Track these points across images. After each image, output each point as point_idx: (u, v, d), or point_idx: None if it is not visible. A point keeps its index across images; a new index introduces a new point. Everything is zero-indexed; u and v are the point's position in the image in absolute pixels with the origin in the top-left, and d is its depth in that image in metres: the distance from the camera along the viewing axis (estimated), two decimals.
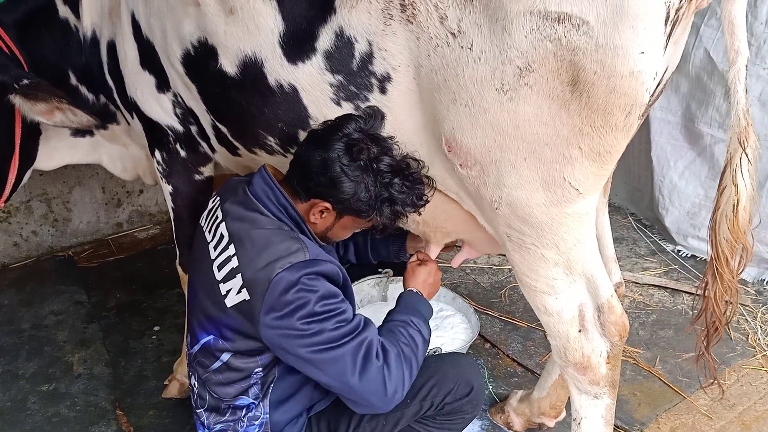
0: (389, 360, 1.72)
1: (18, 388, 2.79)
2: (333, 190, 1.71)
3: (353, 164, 1.68)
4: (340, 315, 1.69)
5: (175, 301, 3.31)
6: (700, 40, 3.26)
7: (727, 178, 1.66)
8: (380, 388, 1.70)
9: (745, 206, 1.65)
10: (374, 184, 1.71)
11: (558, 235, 1.67)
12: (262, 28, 1.74)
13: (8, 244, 3.69)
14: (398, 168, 1.72)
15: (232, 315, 1.74)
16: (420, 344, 1.84)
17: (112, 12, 2.17)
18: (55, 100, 2.06)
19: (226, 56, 1.84)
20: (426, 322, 1.92)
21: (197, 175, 2.36)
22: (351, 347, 1.67)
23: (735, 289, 1.76)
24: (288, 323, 1.65)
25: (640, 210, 4.08)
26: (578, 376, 1.88)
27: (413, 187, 1.75)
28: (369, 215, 1.76)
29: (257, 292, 1.66)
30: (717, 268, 1.74)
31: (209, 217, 1.92)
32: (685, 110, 3.49)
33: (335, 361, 1.67)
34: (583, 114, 1.47)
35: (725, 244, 1.70)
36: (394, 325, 1.86)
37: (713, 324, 1.83)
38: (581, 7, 1.35)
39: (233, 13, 1.76)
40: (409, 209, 1.79)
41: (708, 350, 1.87)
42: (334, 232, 1.87)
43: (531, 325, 3.11)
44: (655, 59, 1.41)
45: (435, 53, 1.54)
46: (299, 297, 1.64)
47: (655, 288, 3.44)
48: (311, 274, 1.66)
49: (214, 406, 1.90)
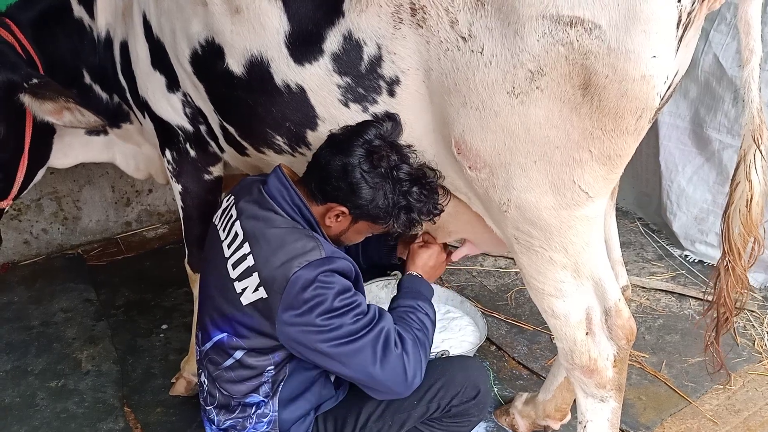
0: (407, 347, 1.77)
1: (27, 384, 2.81)
2: (351, 196, 1.74)
3: (373, 171, 1.71)
4: (357, 308, 1.72)
5: (183, 299, 3.32)
6: (709, 45, 3.26)
7: (741, 173, 1.69)
8: (401, 375, 1.74)
9: (758, 201, 1.68)
10: (392, 192, 1.74)
11: (566, 238, 1.68)
12: (267, 28, 1.74)
13: (19, 242, 3.72)
14: (416, 176, 1.75)
15: (248, 313, 1.75)
16: (429, 327, 1.91)
17: (125, 12, 2.19)
18: (63, 99, 2.06)
19: (232, 56, 1.84)
20: (430, 304, 1.98)
21: (206, 175, 2.38)
22: (371, 338, 1.71)
23: (746, 280, 1.79)
24: (307, 320, 1.67)
25: (648, 215, 4.07)
26: (585, 380, 1.88)
27: (430, 195, 1.78)
28: (385, 222, 1.79)
29: (275, 290, 1.68)
30: (730, 261, 1.76)
31: (223, 215, 1.93)
32: (693, 115, 3.48)
33: (357, 353, 1.70)
34: (594, 117, 1.47)
35: (738, 238, 1.73)
36: (403, 312, 1.90)
37: (723, 314, 1.86)
38: (593, 11, 1.35)
39: (239, 12, 1.76)
40: (425, 217, 1.82)
41: (717, 340, 1.91)
42: (347, 236, 1.89)
43: (537, 328, 3.10)
44: (666, 63, 1.41)
45: (445, 57, 1.54)
46: (317, 294, 1.66)
47: (662, 293, 3.43)
48: (327, 271, 1.68)
49: (224, 404, 1.92)
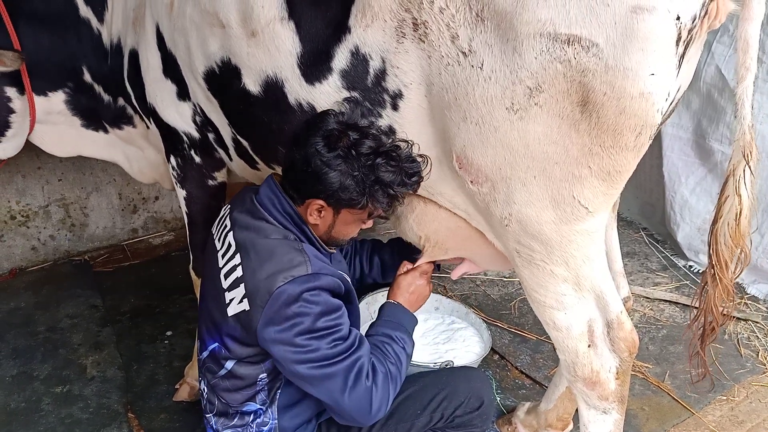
0: (377, 380, 1.73)
1: (32, 389, 2.84)
2: (320, 185, 1.69)
3: (332, 154, 1.65)
4: (337, 332, 1.69)
5: (188, 306, 3.35)
6: (712, 57, 3.26)
7: (730, 188, 1.71)
8: (366, 407, 1.71)
9: (746, 215, 1.70)
10: (358, 169, 1.66)
11: (567, 252, 1.68)
12: (281, 50, 1.77)
13: (26, 248, 3.76)
14: (378, 148, 1.67)
15: (231, 324, 1.76)
16: (404, 362, 1.85)
17: (136, 22, 2.22)
18: None
19: (249, 76, 1.87)
20: (410, 336, 1.92)
21: (211, 181, 2.40)
22: (344, 366, 1.68)
23: (732, 291, 1.80)
24: (286, 337, 1.66)
25: (653, 225, 4.07)
26: (587, 392, 1.88)
27: (400, 165, 1.69)
28: (362, 203, 1.71)
29: (257, 303, 1.68)
30: (717, 273, 1.77)
31: (219, 225, 1.94)
32: (696, 126, 3.48)
33: (328, 379, 1.68)
34: (593, 134, 1.48)
35: (726, 250, 1.74)
36: (380, 341, 1.85)
37: (710, 324, 1.87)
38: (591, 30, 1.36)
39: (255, 35, 1.79)
40: (402, 189, 1.73)
41: (703, 349, 1.92)
42: (337, 230, 1.84)
43: (540, 337, 3.11)
44: (666, 80, 1.42)
45: (446, 72, 1.55)
46: (300, 312, 1.65)
47: (666, 303, 3.43)
48: (313, 289, 1.67)
49: (223, 411, 1.93)
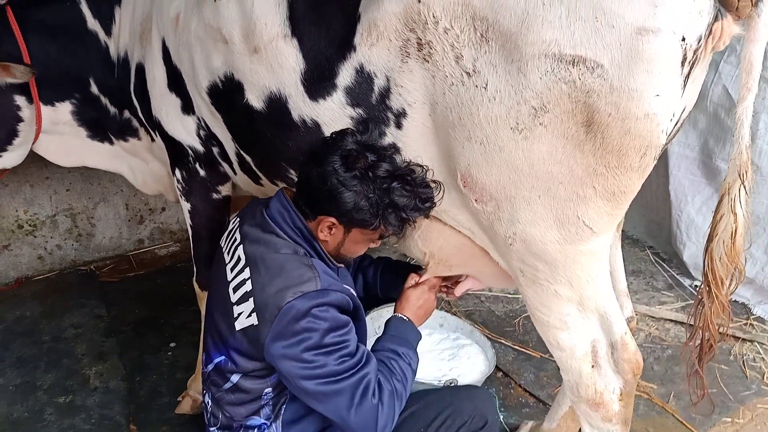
0: (384, 398, 1.72)
1: (35, 399, 2.84)
2: (334, 203, 1.71)
3: (349, 174, 1.67)
4: (345, 348, 1.70)
5: (192, 318, 3.33)
6: (719, 77, 3.25)
7: (725, 206, 1.70)
8: (372, 424, 1.70)
9: (741, 233, 1.70)
10: (373, 192, 1.68)
11: (571, 272, 1.68)
12: (285, 67, 1.78)
13: (33, 257, 3.77)
14: (396, 172, 1.69)
15: (239, 338, 1.77)
16: (409, 378, 1.85)
17: (143, 36, 2.25)
18: None
19: (252, 92, 1.89)
20: (414, 351, 1.92)
21: (215, 194, 2.41)
22: (351, 383, 1.68)
23: (727, 307, 1.80)
24: (293, 353, 1.66)
25: (659, 243, 4.04)
26: (591, 413, 1.87)
27: (415, 190, 1.71)
28: (375, 225, 1.73)
29: (265, 318, 1.68)
30: (714, 290, 1.77)
31: (228, 238, 1.95)
32: (702, 146, 3.47)
33: (335, 395, 1.68)
34: (598, 154, 1.48)
35: (721, 267, 1.74)
36: (386, 357, 1.84)
37: (708, 341, 1.86)
38: (596, 51, 1.37)
39: (257, 52, 1.81)
40: (414, 213, 1.74)
41: (701, 367, 1.92)
42: (346, 248, 1.85)
43: (544, 355, 3.08)
44: (671, 101, 1.42)
45: (450, 91, 1.56)
46: (308, 328, 1.65)
47: (671, 323, 3.39)
48: (322, 305, 1.67)
49: (227, 425, 1.92)
